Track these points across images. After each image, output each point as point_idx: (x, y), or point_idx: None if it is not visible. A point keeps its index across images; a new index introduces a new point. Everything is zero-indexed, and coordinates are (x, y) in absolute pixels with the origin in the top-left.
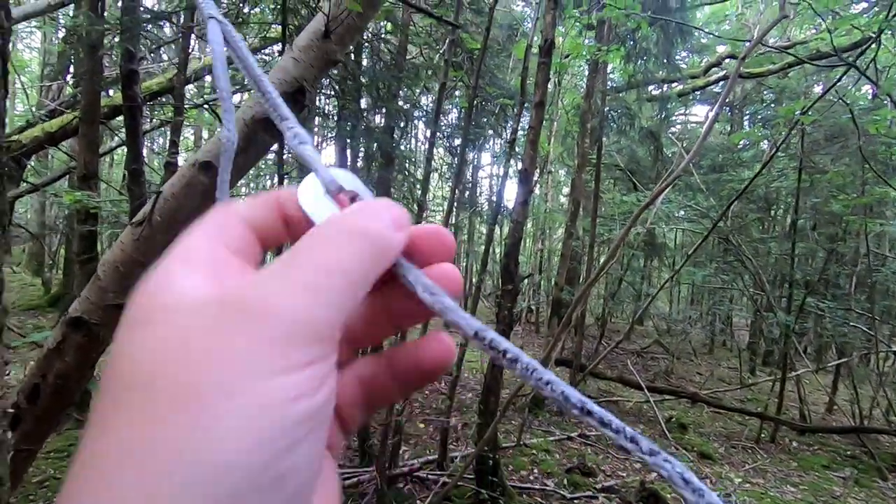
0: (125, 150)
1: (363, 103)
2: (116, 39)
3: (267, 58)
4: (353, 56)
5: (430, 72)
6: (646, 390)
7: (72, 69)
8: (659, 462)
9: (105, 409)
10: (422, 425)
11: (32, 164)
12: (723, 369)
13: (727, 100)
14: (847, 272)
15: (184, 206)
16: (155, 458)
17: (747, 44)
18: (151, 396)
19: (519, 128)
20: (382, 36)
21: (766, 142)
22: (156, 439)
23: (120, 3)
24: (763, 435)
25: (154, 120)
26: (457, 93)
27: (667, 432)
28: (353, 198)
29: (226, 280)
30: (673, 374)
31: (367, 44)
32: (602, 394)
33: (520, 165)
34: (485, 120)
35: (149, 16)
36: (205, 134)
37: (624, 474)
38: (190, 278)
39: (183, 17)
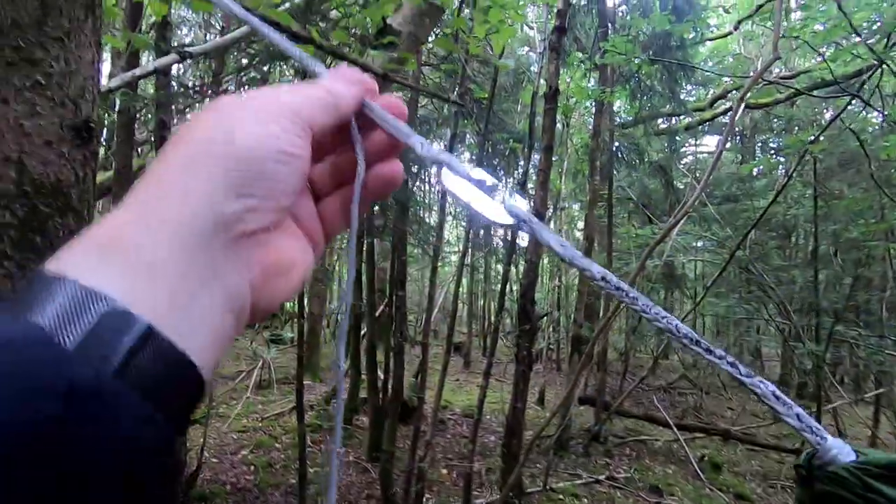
0: None
1: None
2: (151, 109)
3: None
4: None
5: (440, 121)
6: (674, 428)
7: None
8: (755, 383)
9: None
10: (444, 471)
11: None
12: (755, 403)
13: (736, 129)
14: (878, 297)
15: None
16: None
17: (750, 76)
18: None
19: (529, 167)
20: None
21: (781, 168)
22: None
23: (154, 80)
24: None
25: None
26: (468, 137)
27: (700, 472)
28: (482, 182)
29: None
30: (703, 410)
31: None
32: (629, 433)
33: (531, 205)
34: (496, 161)
35: (181, 89)
36: None
37: None
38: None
39: (211, 91)
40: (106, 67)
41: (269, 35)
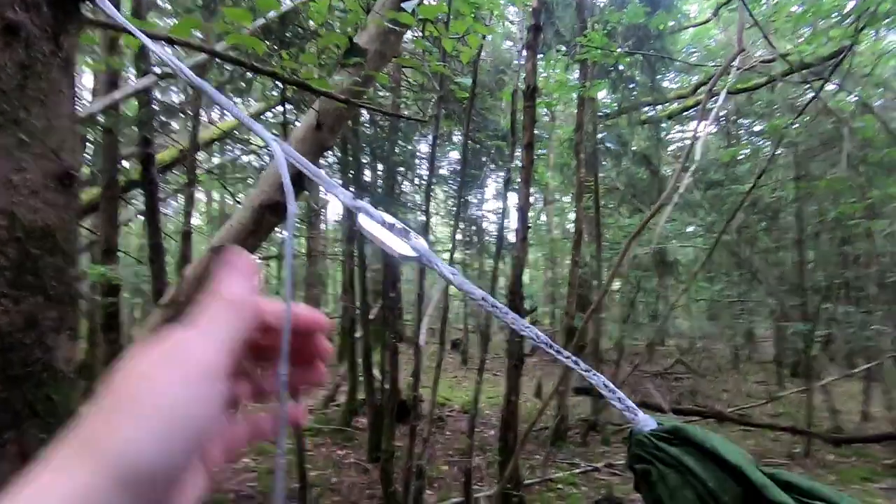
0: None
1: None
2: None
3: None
4: (350, 123)
5: (422, 126)
6: (670, 413)
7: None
8: (590, 376)
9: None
10: (445, 467)
11: None
12: (751, 384)
13: (721, 114)
14: (865, 275)
15: (203, 286)
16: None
17: (732, 64)
18: (120, 403)
19: (515, 162)
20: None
21: (766, 150)
22: (110, 428)
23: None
24: (796, 450)
25: (167, 189)
26: (454, 137)
27: None
28: (392, 225)
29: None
30: (699, 394)
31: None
32: (626, 420)
33: (517, 202)
34: (483, 159)
35: (162, 108)
36: (215, 195)
37: None
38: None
39: (191, 109)
40: (88, 79)
41: (227, 105)
